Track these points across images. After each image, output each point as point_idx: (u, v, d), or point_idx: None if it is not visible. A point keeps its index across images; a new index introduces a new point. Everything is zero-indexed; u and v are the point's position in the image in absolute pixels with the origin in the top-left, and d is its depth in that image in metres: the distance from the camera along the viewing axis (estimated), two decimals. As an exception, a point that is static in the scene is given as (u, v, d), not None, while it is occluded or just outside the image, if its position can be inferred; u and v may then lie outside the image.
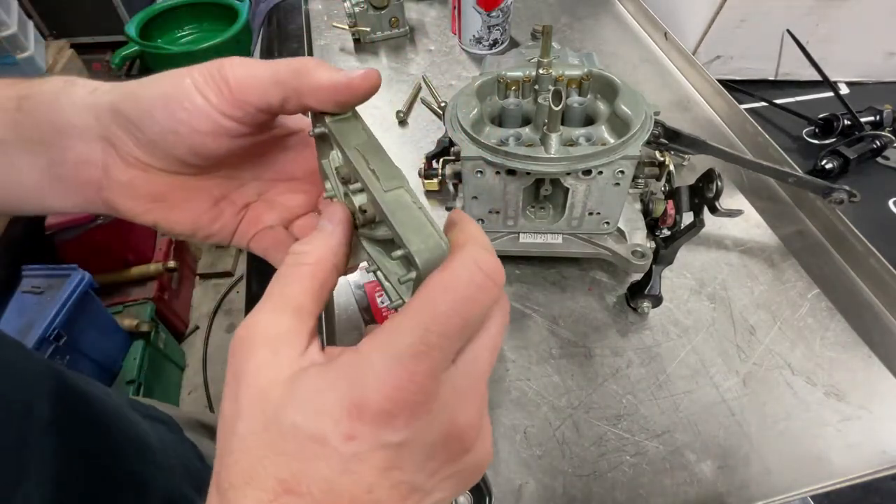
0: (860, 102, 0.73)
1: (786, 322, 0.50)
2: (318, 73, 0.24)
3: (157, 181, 0.27)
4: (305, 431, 0.18)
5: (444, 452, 0.19)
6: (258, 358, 0.20)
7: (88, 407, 0.39)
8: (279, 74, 0.24)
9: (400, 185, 0.23)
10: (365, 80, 0.24)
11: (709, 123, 0.72)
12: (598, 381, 0.47)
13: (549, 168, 0.41)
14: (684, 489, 0.41)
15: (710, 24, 0.79)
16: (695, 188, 0.47)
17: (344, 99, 0.25)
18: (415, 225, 0.22)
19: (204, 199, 0.29)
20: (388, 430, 0.18)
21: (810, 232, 0.59)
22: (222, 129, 0.25)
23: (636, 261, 0.48)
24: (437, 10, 0.95)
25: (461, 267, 0.19)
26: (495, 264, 0.20)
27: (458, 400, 0.19)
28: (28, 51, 1.55)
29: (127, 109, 0.25)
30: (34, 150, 0.27)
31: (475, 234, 0.21)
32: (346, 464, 0.18)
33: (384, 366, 0.18)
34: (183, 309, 1.69)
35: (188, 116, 0.24)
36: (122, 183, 0.26)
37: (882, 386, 0.46)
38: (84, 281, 1.16)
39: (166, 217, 0.28)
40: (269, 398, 0.19)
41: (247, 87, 0.24)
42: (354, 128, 0.25)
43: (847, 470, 0.41)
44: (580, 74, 0.49)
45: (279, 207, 0.32)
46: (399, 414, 0.18)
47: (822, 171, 0.67)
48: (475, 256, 0.20)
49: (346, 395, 0.18)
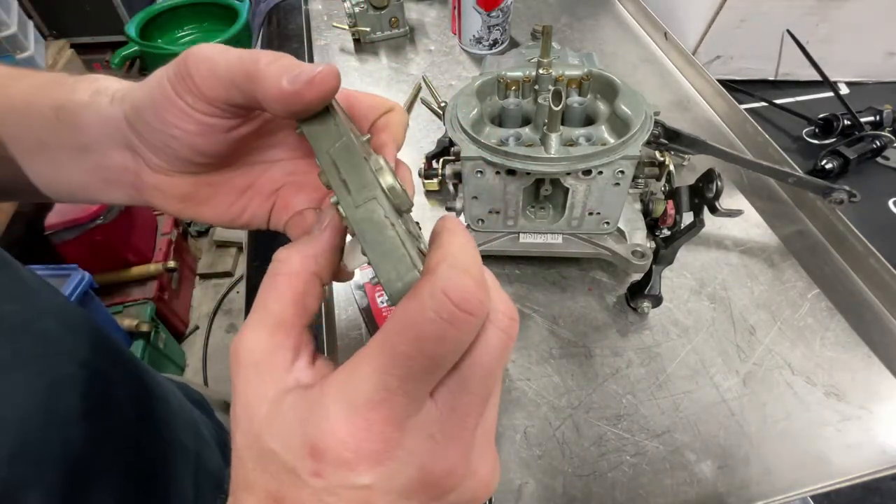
0: (860, 102, 0.73)
1: (786, 322, 0.50)
2: (266, 83, 0.21)
3: (181, 183, 0.27)
4: (280, 460, 0.18)
5: (422, 495, 0.19)
6: (244, 376, 0.20)
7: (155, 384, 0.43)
8: (235, 77, 0.22)
9: (372, 195, 0.21)
10: (315, 87, 0.21)
11: (709, 123, 0.72)
12: (598, 381, 0.47)
13: (549, 168, 0.41)
14: (684, 489, 0.41)
15: (710, 24, 0.79)
16: (695, 188, 0.47)
17: (297, 109, 0.21)
18: (386, 248, 0.20)
19: (228, 192, 0.29)
20: (351, 474, 0.17)
21: (810, 232, 0.59)
22: (210, 128, 0.24)
23: (636, 261, 0.48)
24: (437, 10, 0.95)
25: (427, 297, 0.17)
26: (470, 291, 0.17)
27: (432, 446, 0.18)
28: (28, 51, 1.55)
29: (133, 120, 0.25)
30: (78, 156, 0.27)
31: (452, 252, 0.18)
32: (319, 495, 0.18)
33: (339, 414, 0.17)
34: (183, 309, 1.69)
35: (176, 119, 0.23)
36: (152, 186, 0.27)
37: (882, 386, 0.46)
38: (84, 281, 1.16)
39: (197, 213, 0.28)
40: (253, 418, 0.19)
41: (211, 87, 0.23)
42: (327, 127, 0.22)
43: (847, 470, 0.41)
44: (580, 74, 0.49)
45: (307, 188, 0.30)
46: (359, 462, 0.17)
47: (822, 171, 0.67)
48: (444, 284, 0.17)
49: (307, 437, 0.18)
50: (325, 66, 0.21)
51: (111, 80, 0.27)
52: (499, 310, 0.19)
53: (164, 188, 0.27)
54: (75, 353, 0.34)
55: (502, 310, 0.19)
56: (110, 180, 0.27)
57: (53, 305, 0.35)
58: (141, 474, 0.38)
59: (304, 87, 0.21)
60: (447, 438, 0.18)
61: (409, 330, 0.17)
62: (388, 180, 0.21)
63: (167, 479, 0.40)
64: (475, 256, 0.19)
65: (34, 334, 0.32)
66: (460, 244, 0.19)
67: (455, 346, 0.17)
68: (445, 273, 0.17)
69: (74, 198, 0.30)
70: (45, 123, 0.27)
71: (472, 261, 0.18)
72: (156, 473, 0.40)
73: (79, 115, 0.26)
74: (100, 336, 0.38)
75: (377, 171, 0.21)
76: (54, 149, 0.28)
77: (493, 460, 0.20)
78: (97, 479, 0.33)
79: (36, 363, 0.31)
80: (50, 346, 0.33)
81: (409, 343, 0.17)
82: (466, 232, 0.20)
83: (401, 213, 0.22)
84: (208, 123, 0.24)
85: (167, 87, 0.23)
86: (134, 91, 0.25)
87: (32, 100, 0.28)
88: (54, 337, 0.33)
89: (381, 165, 0.21)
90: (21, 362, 0.30)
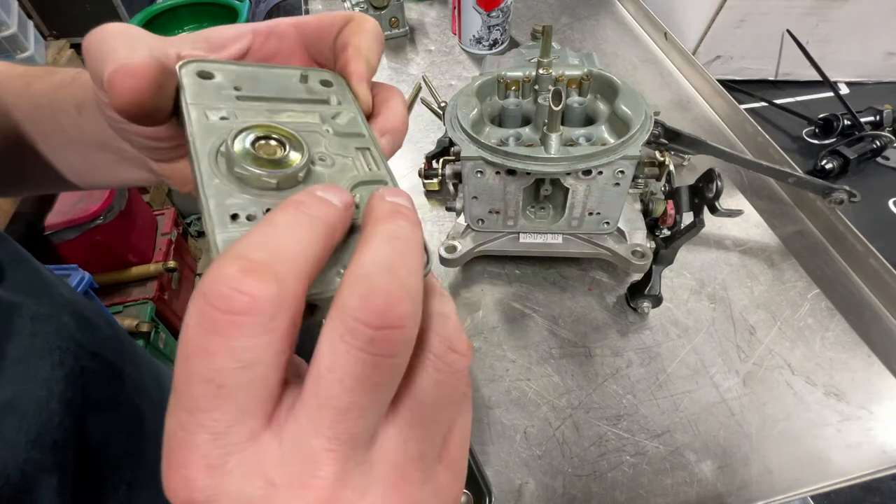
0: (860, 102, 0.73)
1: (786, 322, 0.50)
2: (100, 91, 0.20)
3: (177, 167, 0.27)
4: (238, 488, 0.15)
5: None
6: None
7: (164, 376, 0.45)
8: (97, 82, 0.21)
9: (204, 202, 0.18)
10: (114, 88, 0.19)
11: (709, 123, 0.72)
12: (598, 381, 0.47)
13: (549, 168, 0.41)
14: (684, 489, 0.41)
15: (710, 24, 0.79)
16: (695, 188, 0.47)
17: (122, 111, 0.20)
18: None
19: None
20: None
21: (810, 232, 0.59)
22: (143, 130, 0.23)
23: (636, 261, 0.48)
24: (437, 10, 0.95)
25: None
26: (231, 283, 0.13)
27: (270, 495, 0.14)
28: (28, 51, 1.55)
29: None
30: (102, 148, 0.28)
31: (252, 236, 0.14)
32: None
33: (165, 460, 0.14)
34: (183, 309, 1.68)
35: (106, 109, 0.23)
36: (159, 173, 0.28)
37: (882, 386, 0.46)
38: (84, 281, 1.16)
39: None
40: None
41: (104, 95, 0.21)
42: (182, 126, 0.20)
43: (847, 470, 0.41)
44: (580, 74, 0.49)
45: None
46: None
47: (822, 171, 0.67)
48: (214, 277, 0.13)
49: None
50: (122, 63, 0.19)
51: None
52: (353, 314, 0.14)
53: (168, 173, 0.27)
54: (90, 347, 0.35)
55: (361, 315, 0.14)
56: (133, 166, 0.29)
57: (68, 300, 0.36)
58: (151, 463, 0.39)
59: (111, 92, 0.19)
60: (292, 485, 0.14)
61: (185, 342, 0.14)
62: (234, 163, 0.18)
63: None
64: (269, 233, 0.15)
65: (53, 327, 0.33)
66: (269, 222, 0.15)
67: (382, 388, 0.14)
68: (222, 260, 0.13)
69: (105, 183, 0.32)
70: (68, 120, 0.28)
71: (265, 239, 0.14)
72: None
73: (97, 112, 0.27)
74: (111, 330, 0.39)
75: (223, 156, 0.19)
76: (79, 143, 0.29)
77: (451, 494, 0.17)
78: (110, 467, 0.34)
79: (55, 354, 0.32)
80: (67, 338, 0.34)
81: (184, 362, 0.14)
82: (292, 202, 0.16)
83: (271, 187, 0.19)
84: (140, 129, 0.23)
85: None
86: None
87: (56, 97, 0.29)
88: (71, 330, 0.34)
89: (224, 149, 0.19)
90: (42, 353, 0.31)
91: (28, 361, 0.30)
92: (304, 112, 0.23)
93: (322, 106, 0.23)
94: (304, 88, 0.24)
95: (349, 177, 0.21)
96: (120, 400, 0.37)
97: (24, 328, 0.31)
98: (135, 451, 0.37)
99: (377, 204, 0.17)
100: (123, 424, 0.37)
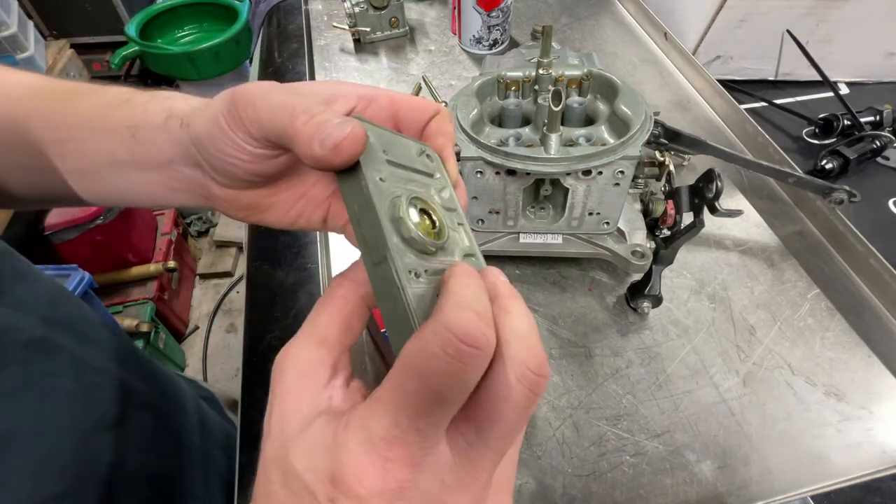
0: (860, 102, 0.73)
1: (786, 322, 0.50)
2: (299, 144, 0.22)
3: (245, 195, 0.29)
4: (302, 480, 0.18)
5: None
6: (286, 384, 0.21)
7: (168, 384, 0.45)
8: (274, 131, 0.23)
9: (382, 256, 0.21)
10: (342, 153, 0.21)
11: (709, 123, 0.72)
12: (598, 381, 0.47)
13: (549, 168, 0.41)
14: (684, 489, 0.41)
15: (710, 24, 0.79)
16: (695, 188, 0.47)
17: (327, 168, 0.22)
18: (391, 310, 0.20)
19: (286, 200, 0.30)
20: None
21: (810, 232, 0.59)
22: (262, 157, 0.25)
23: (636, 261, 0.48)
24: (437, 10, 0.95)
25: (430, 334, 0.17)
26: (473, 325, 0.17)
27: (442, 492, 0.18)
28: (28, 51, 1.55)
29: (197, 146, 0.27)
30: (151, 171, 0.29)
31: (455, 292, 0.19)
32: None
33: (359, 450, 0.18)
34: (183, 309, 1.69)
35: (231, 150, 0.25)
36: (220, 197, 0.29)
37: (882, 386, 0.46)
38: (84, 281, 1.16)
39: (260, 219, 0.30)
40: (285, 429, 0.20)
41: (256, 130, 0.24)
42: (353, 183, 0.22)
43: (847, 470, 0.41)
44: (580, 74, 0.49)
45: None
46: (371, 499, 0.17)
47: (822, 171, 0.67)
48: (447, 320, 0.17)
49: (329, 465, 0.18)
50: (352, 127, 0.21)
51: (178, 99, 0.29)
52: (525, 363, 0.19)
53: (231, 199, 0.29)
54: (94, 364, 0.35)
55: (530, 365, 0.19)
56: (179, 189, 0.30)
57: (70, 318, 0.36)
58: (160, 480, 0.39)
59: (331, 153, 0.21)
60: (459, 487, 0.18)
61: (415, 366, 0.17)
62: (409, 230, 0.21)
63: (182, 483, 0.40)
64: (479, 294, 0.19)
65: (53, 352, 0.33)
66: (463, 283, 0.20)
67: (462, 381, 0.18)
68: (449, 311, 0.18)
69: (140, 203, 0.32)
70: (119, 142, 0.29)
71: (476, 297, 0.19)
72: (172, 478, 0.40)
73: (154, 137, 0.28)
74: (117, 344, 0.39)
75: (397, 222, 0.21)
76: (126, 164, 0.29)
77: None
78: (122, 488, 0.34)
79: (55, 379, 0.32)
80: (68, 362, 0.33)
81: (416, 379, 0.17)
82: (471, 272, 0.21)
83: (428, 253, 0.22)
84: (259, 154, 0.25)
85: (222, 123, 0.24)
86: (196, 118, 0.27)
87: (106, 118, 0.29)
88: (73, 353, 0.34)
89: (401, 216, 0.22)
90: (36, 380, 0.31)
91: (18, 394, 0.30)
92: (425, 184, 0.25)
93: (431, 179, 0.26)
94: (419, 161, 0.26)
95: (460, 247, 0.24)
96: (128, 417, 0.37)
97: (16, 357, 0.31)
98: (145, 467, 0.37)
99: (503, 282, 0.22)
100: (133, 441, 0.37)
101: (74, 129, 0.30)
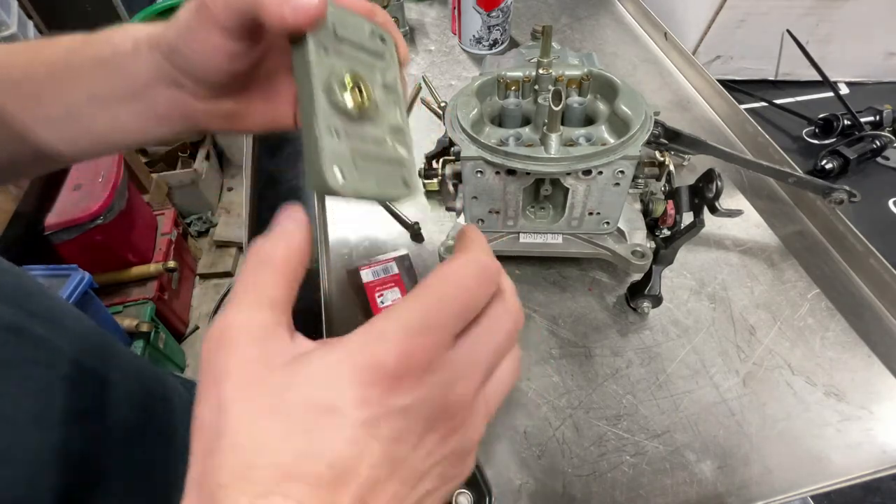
0: (860, 102, 0.74)
1: (786, 322, 0.50)
2: (266, 9, 0.23)
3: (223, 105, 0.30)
4: (317, 403, 0.18)
5: (439, 427, 0.20)
6: (243, 354, 0.19)
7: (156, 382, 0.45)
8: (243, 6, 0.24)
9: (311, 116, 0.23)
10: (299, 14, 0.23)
11: (709, 123, 0.72)
12: (598, 381, 0.47)
13: (549, 168, 0.41)
14: (684, 489, 0.41)
15: (710, 24, 0.79)
16: (695, 188, 0.47)
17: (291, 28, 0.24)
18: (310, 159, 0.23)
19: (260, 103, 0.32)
20: (396, 394, 0.19)
21: (810, 232, 0.59)
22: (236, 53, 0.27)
23: (636, 261, 0.48)
24: (437, 10, 0.95)
25: (462, 262, 0.22)
26: (494, 268, 0.23)
27: (454, 376, 0.21)
28: (28, 51, 1.55)
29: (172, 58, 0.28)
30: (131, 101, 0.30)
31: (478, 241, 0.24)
32: (356, 431, 0.18)
33: (396, 334, 0.19)
34: (183, 309, 1.69)
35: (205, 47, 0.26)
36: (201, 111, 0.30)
37: (882, 386, 0.46)
38: (84, 281, 1.16)
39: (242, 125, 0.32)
40: (266, 386, 0.18)
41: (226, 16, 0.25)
42: (302, 52, 0.24)
43: (847, 470, 0.41)
44: (580, 74, 0.49)
45: None
46: (407, 377, 0.19)
47: (822, 171, 0.67)
48: (475, 257, 0.22)
49: (360, 361, 0.19)
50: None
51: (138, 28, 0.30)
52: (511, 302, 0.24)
53: (211, 110, 0.30)
54: (68, 356, 0.35)
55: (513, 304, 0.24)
56: (162, 116, 0.31)
57: (45, 309, 0.35)
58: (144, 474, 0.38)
59: (292, 13, 0.23)
60: (465, 371, 0.21)
61: (449, 282, 0.21)
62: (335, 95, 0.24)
63: (168, 478, 0.40)
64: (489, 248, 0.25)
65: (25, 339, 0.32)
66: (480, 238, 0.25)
67: (479, 301, 0.22)
68: (477, 254, 0.23)
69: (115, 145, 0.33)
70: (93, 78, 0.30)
71: (489, 249, 0.24)
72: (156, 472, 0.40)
73: (126, 64, 0.29)
74: (95, 338, 0.39)
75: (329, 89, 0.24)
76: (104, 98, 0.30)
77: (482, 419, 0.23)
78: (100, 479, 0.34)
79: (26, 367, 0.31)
80: (41, 350, 0.33)
81: (449, 290, 0.21)
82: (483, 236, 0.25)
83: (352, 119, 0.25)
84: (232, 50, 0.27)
85: (193, 23, 0.26)
86: (166, 32, 0.28)
87: (73, 59, 0.30)
88: (45, 341, 0.34)
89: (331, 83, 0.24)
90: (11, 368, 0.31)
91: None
92: (372, 62, 0.28)
93: (379, 60, 0.28)
94: (370, 41, 0.28)
95: (388, 123, 0.27)
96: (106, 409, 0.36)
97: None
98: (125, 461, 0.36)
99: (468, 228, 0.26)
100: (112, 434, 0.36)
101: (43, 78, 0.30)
